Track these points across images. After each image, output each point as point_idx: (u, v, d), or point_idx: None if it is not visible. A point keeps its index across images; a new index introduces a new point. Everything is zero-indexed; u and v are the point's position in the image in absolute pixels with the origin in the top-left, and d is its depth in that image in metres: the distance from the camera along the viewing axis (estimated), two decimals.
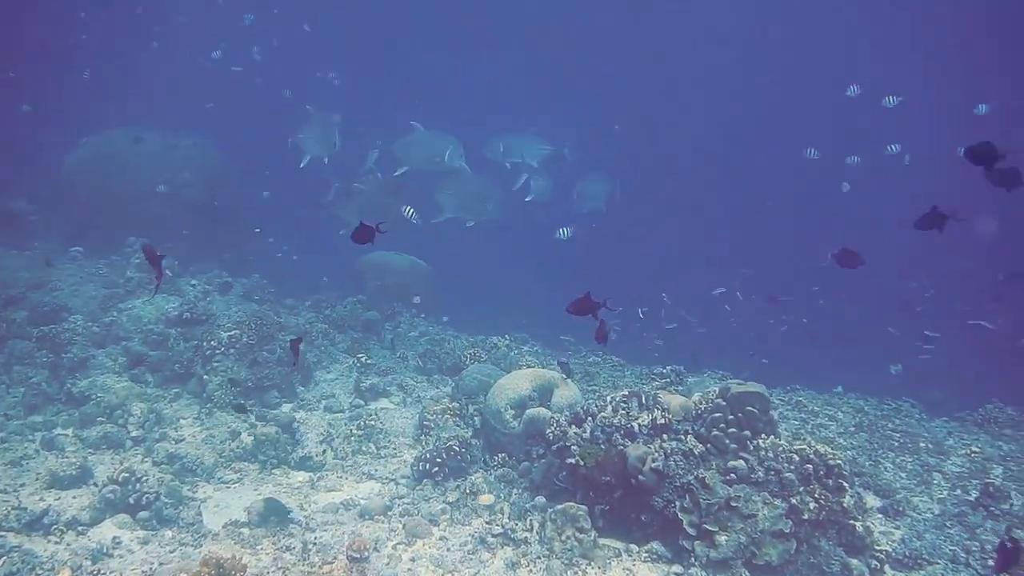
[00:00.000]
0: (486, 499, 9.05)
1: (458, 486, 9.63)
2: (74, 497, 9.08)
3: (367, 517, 8.97)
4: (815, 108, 29.41)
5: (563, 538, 7.91)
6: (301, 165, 15.96)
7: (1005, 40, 28.27)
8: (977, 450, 11.06)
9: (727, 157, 34.88)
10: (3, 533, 8.12)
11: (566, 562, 7.70)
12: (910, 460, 10.83)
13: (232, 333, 12.74)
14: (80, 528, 8.46)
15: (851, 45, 33.06)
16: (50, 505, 8.71)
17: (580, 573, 7.60)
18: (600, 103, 35.32)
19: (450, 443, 10.17)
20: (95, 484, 9.35)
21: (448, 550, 8.20)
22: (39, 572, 7.42)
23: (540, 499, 8.64)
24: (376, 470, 10.59)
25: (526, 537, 8.11)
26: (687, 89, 36.94)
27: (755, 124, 33.46)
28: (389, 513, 9.11)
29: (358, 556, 7.31)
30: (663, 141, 35.29)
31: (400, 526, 8.72)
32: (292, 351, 9.29)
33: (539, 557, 7.81)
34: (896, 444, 11.32)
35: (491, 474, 9.87)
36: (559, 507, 8.15)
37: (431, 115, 17.37)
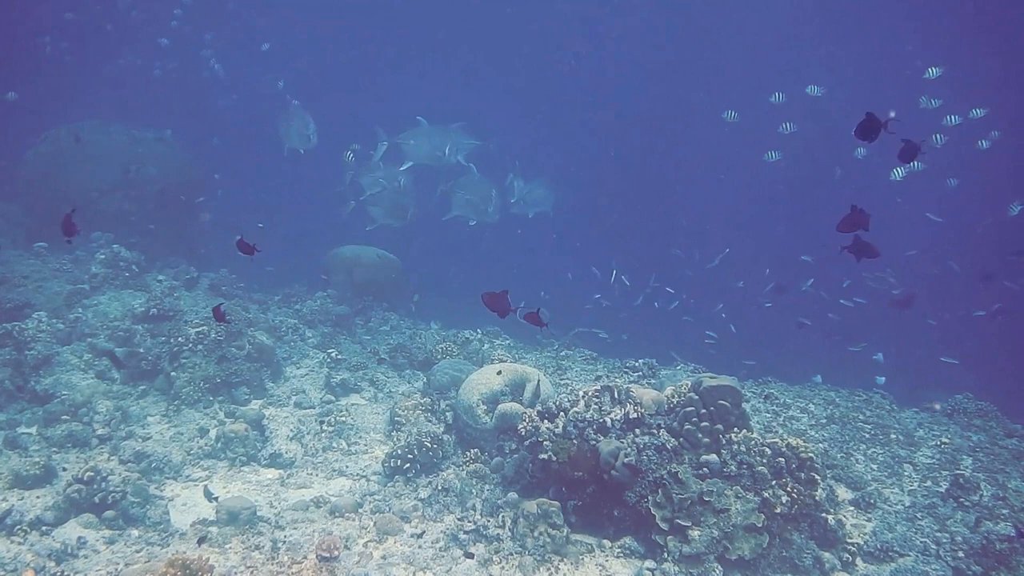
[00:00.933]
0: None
1: (430, 482, 9.56)
2: (38, 497, 8.91)
3: (337, 514, 8.86)
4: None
5: (536, 534, 7.85)
6: (284, 154, 17.03)
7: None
8: (947, 441, 11.12)
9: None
10: None
11: (539, 558, 7.65)
12: (881, 452, 10.87)
13: (200, 329, 12.56)
14: (44, 528, 8.30)
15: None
16: (13, 505, 8.54)
17: (553, 569, 7.55)
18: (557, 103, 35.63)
19: (422, 439, 10.09)
20: (59, 483, 9.17)
21: (420, 547, 8.11)
22: (2, 573, 7.27)
23: (512, 495, 8.57)
24: (347, 467, 10.49)
25: (498, 534, 8.04)
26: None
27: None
28: (360, 510, 9.01)
29: (328, 555, 7.21)
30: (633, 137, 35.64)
31: (371, 523, 8.62)
32: (216, 317, 9.40)
33: (512, 554, 7.75)
34: (867, 436, 11.35)
35: (463, 470, 9.79)
36: (531, 503, 8.09)
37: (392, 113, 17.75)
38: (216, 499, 8.89)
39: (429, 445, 10.03)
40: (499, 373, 10.76)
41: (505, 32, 37.53)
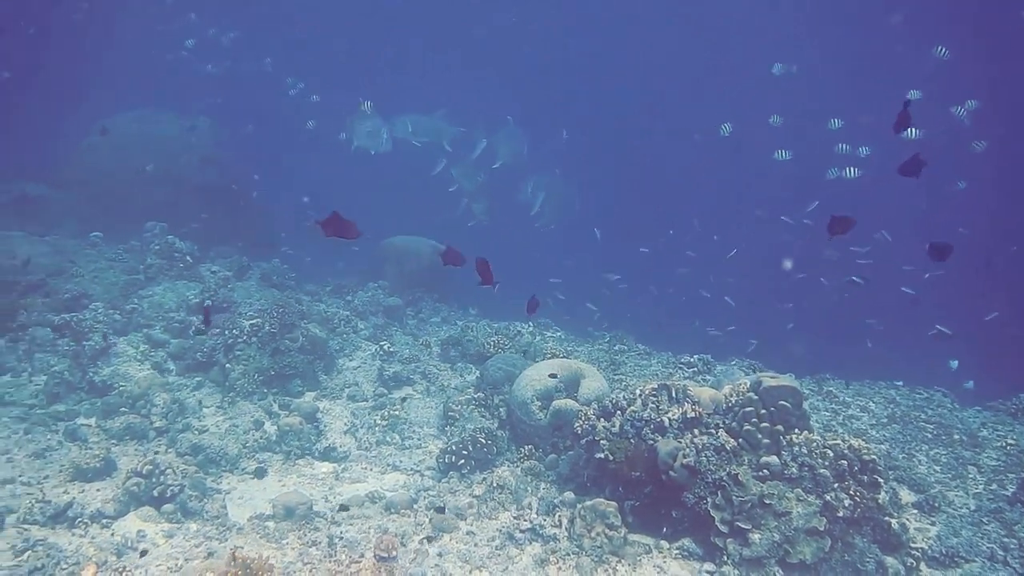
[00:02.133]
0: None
1: (484, 479, 9.52)
2: (98, 490, 9.00)
3: (393, 511, 8.85)
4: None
5: (592, 535, 7.77)
6: (352, 148, 17.85)
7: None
8: (1012, 442, 10.84)
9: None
10: (27, 527, 8.06)
11: (596, 559, 7.57)
12: (944, 453, 10.63)
13: (254, 322, 12.63)
14: (104, 521, 8.39)
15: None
16: (74, 498, 8.64)
17: (611, 570, 7.47)
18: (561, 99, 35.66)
19: (476, 435, 10.05)
20: (119, 476, 9.26)
21: (476, 545, 8.07)
22: (64, 567, 7.34)
23: (569, 494, 8.50)
24: (401, 461, 10.49)
25: (555, 533, 7.98)
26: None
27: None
28: (415, 506, 9.00)
29: (386, 555, 7.19)
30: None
31: (426, 520, 8.61)
32: (204, 319, 9.42)
33: (568, 554, 7.68)
34: (930, 436, 11.11)
35: (517, 467, 9.74)
36: (588, 503, 8.01)
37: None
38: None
39: (483, 441, 9.99)
40: (552, 376, 10.65)
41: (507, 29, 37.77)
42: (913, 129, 9.17)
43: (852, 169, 12.50)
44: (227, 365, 12.15)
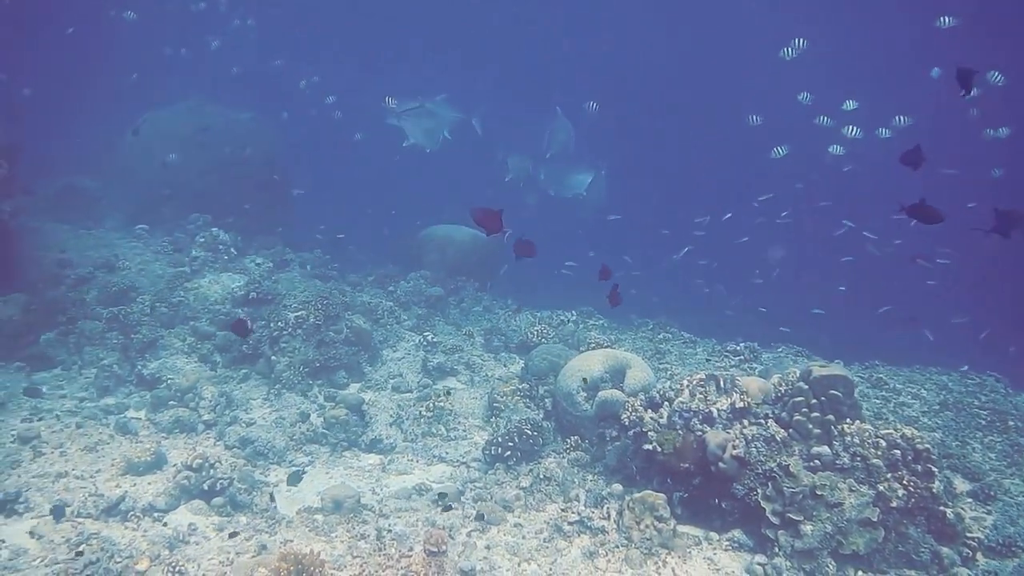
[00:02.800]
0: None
1: (531, 470, 9.49)
2: (149, 483, 9.10)
3: (440, 503, 8.86)
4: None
5: (641, 527, 7.72)
6: (403, 145, 17.82)
7: None
8: None
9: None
10: (82, 520, 8.17)
11: (645, 552, 7.52)
12: (999, 440, 10.42)
13: (299, 314, 12.69)
14: (156, 515, 8.48)
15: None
16: (127, 491, 8.75)
17: (660, 563, 7.41)
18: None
19: (522, 426, 10.02)
20: (169, 469, 9.35)
21: (523, 537, 8.06)
22: (118, 560, 7.43)
23: (616, 486, 8.46)
24: (447, 453, 10.49)
25: (603, 526, 7.94)
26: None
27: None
28: (462, 499, 9.00)
29: (436, 550, 7.19)
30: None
31: (474, 512, 8.61)
32: (239, 329, 9.46)
33: (617, 546, 7.63)
34: (983, 423, 10.90)
35: (563, 458, 9.70)
36: (637, 495, 7.95)
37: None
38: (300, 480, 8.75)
39: (529, 432, 9.96)
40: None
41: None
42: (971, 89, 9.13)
43: (853, 129, 12.41)
44: (272, 357, 12.22)
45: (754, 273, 21.93)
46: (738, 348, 12.91)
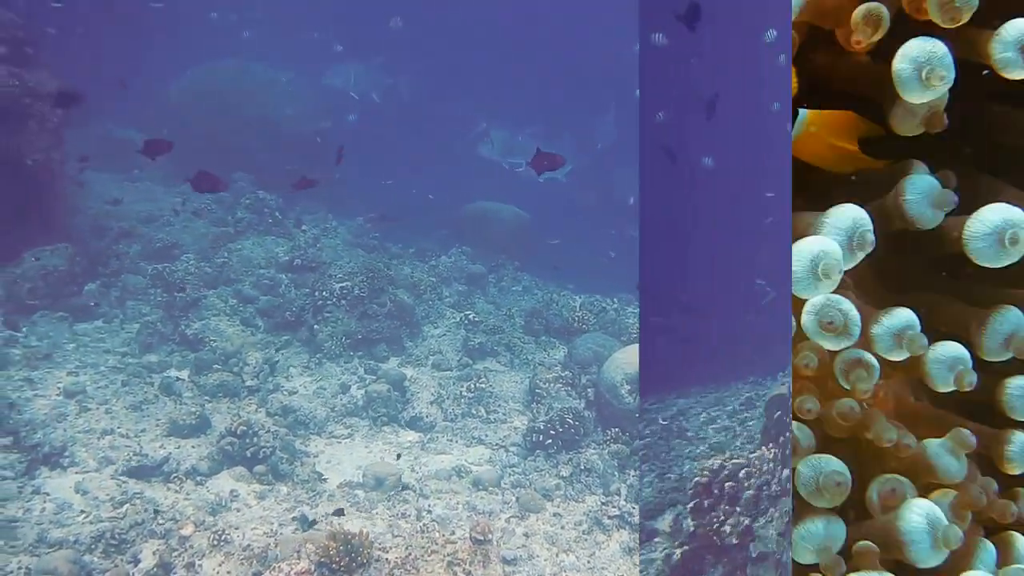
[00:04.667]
0: None
1: (571, 460, 9.48)
2: (193, 447, 9.13)
3: (480, 487, 8.87)
4: None
5: None
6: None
7: None
8: None
9: None
10: (126, 479, 8.23)
11: None
12: None
13: (344, 284, 12.65)
14: (199, 478, 8.52)
15: None
16: (171, 452, 8.80)
17: None
18: None
19: (564, 415, 9.99)
20: (213, 434, 9.39)
21: (562, 528, 8.06)
22: (161, 521, 7.49)
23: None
24: (486, 435, 10.46)
25: None
26: None
27: None
28: (502, 484, 9.00)
29: (481, 538, 7.20)
30: None
31: (513, 498, 8.62)
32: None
33: None
34: None
35: (604, 450, 9.68)
36: None
37: None
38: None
39: (571, 421, 9.92)
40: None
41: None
42: None
43: None
44: (315, 326, 12.20)
45: None
46: None
